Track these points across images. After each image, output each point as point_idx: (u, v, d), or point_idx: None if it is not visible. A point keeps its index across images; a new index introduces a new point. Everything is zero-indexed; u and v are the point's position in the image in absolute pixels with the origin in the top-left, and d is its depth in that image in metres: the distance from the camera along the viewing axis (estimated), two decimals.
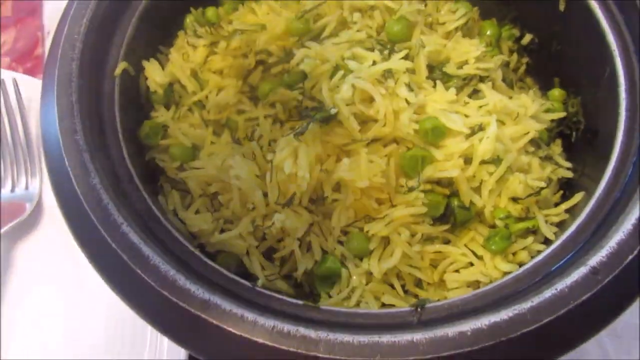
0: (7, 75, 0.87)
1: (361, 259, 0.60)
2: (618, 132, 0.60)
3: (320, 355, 0.45)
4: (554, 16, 0.73)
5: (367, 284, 0.60)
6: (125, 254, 0.49)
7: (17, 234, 0.82)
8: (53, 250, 0.82)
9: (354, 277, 0.59)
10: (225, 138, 0.66)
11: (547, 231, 0.61)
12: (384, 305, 0.59)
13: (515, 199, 0.63)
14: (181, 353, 0.72)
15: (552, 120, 0.71)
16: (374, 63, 0.64)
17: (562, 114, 0.72)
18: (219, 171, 0.62)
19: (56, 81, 0.58)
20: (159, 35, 0.71)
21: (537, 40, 0.79)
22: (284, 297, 0.52)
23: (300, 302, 0.52)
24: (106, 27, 0.63)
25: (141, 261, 0.49)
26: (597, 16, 0.64)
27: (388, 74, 0.63)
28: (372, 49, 0.66)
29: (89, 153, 0.55)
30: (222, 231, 0.62)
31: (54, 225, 0.83)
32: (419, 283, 0.62)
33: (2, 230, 0.79)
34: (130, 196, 0.57)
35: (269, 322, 0.47)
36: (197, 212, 0.63)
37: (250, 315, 0.47)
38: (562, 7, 0.71)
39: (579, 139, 0.72)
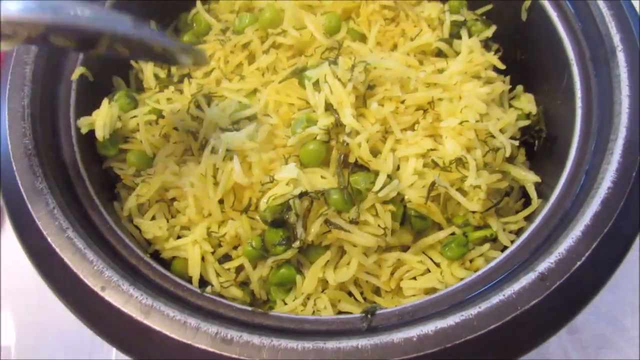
0: None
1: None
2: (573, 140, 0.60)
3: None
4: (517, 26, 0.73)
5: (323, 290, 0.59)
6: (68, 258, 0.49)
7: None
8: (14, 254, 0.81)
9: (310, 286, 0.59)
10: (182, 146, 0.65)
11: (505, 239, 0.61)
12: (340, 312, 0.58)
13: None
14: None
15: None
16: None
17: (527, 122, 0.72)
18: (175, 177, 0.62)
19: (8, 85, 0.57)
20: None
21: (502, 50, 0.79)
22: (233, 303, 0.52)
23: (249, 308, 0.51)
24: None
25: (85, 266, 0.48)
26: (555, 24, 0.65)
27: None
28: None
29: (37, 157, 0.54)
30: (178, 237, 0.61)
31: None
32: (376, 290, 0.61)
33: None
34: (81, 202, 0.57)
35: (212, 328, 0.46)
36: (153, 218, 0.63)
37: (193, 322, 0.46)
38: (524, 17, 0.72)
39: (541, 147, 0.72)
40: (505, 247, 0.61)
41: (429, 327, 0.46)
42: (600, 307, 0.82)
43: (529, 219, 0.63)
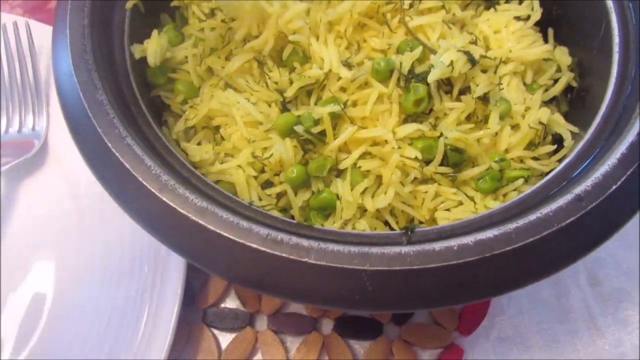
0: (20, 21, 0.89)
1: None
2: (609, 85, 0.62)
3: (311, 261, 0.47)
4: None
5: (360, 218, 0.61)
6: (128, 162, 0.51)
7: (21, 172, 0.84)
8: (55, 190, 0.84)
9: (349, 210, 0.61)
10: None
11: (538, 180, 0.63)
12: None
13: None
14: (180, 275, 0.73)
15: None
16: None
17: (560, 75, 0.74)
18: (222, 105, 0.64)
19: (69, 5, 0.60)
20: None
21: (540, 5, 0.81)
22: (280, 216, 0.54)
23: (294, 221, 0.54)
24: None
25: (143, 170, 0.51)
26: None
27: None
28: None
29: (97, 73, 0.57)
30: (223, 163, 0.64)
31: (58, 166, 0.85)
32: (411, 222, 0.64)
33: (6, 167, 0.81)
34: (136, 119, 0.59)
35: (263, 230, 0.49)
36: (199, 143, 0.65)
37: (245, 224, 0.49)
38: None
39: (574, 99, 0.73)
40: None
41: (468, 239, 0.48)
42: (622, 263, 0.84)
43: (561, 161, 0.65)
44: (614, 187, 0.50)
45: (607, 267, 0.83)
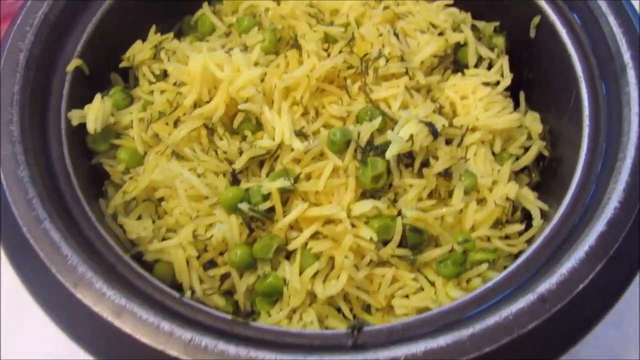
0: None
1: None
2: (579, 159, 0.58)
3: None
4: (525, 43, 0.72)
5: (310, 304, 0.56)
6: (42, 250, 0.46)
7: None
8: None
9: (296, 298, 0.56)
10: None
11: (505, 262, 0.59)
12: (327, 329, 0.55)
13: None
14: None
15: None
16: None
17: (531, 142, 0.70)
18: (165, 177, 0.60)
19: (1, 69, 0.56)
20: (119, 38, 0.69)
21: (511, 68, 0.78)
22: (212, 311, 0.49)
23: (228, 317, 0.48)
24: (62, 23, 0.61)
25: (59, 260, 0.46)
26: (564, 42, 0.64)
27: None
28: None
29: (22, 145, 0.52)
30: (163, 240, 0.59)
31: None
32: (367, 308, 0.58)
33: None
34: (63, 196, 0.54)
35: (186, 334, 0.43)
36: (139, 218, 0.60)
37: (167, 326, 0.44)
38: (532, 34, 0.70)
39: (546, 168, 0.69)
40: (504, 268, 0.58)
41: (418, 347, 0.43)
42: (603, 342, 0.78)
43: (530, 241, 0.61)
44: (581, 285, 0.45)
45: (587, 347, 0.77)
